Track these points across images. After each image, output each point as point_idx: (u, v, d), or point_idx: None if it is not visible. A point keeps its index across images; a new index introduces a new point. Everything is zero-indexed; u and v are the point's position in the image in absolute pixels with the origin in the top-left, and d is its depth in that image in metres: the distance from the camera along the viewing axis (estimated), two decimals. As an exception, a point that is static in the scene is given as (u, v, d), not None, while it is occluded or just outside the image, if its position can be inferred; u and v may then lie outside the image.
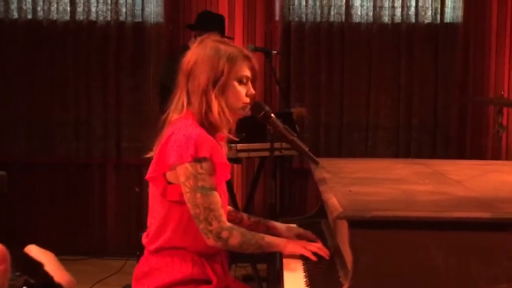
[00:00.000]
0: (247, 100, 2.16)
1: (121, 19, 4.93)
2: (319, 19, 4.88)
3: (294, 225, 2.50)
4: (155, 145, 2.15)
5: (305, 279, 1.97)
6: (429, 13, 4.86)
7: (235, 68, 2.12)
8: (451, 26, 4.87)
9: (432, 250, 1.66)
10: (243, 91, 2.15)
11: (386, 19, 4.86)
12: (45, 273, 0.83)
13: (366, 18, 4.87)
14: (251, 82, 2.18)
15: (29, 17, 4.95)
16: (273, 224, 2.38)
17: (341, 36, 4.86)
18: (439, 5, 4.83)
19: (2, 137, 4.96)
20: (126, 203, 5.05)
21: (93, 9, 4.93)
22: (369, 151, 4.86)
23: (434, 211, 1.74)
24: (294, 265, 2.08)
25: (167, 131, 2.11)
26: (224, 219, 2.06)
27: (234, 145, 3.58)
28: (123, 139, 4.98)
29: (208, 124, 2.10)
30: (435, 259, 1.65)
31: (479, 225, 1.67)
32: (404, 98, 4.85)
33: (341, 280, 1.90)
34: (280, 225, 2.39)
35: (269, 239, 2.14)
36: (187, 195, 2.02)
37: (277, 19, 4.94)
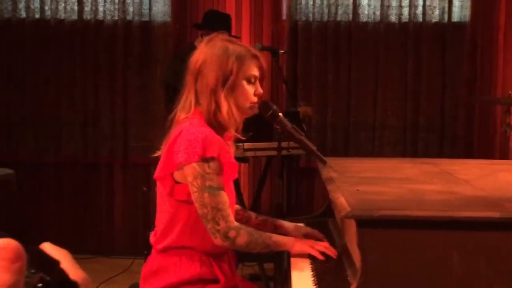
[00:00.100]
0: (255, 99, 2.16)
1: (129, 18, 4.94)
2: (326, 18, 4.87)
3: (301, 224, 2.50)
4: (162, 145, 2.14)
5: (312, 278, 1.96)
6: (437, 12, 4.85)
7: (244, 67, 2.11)
8: (459, 25, 4.86)
9: (440, 249, 1.66)
10: (251, 90, 2.14)
11: (393, 18, 4.85)
12: (61, 271, 0.84)
13: (373, 17, 4.86)
14: (259, 81, 2.18)
15: (37, 16, 4.96)
16: (280, 223, 2.38)
17: (348, 35, 4.85)
18: (446, 4, 4.81)
19: (10, 137, 4.97)
20: (133, 202, 5.06)
21: (101, 9, 4.95)
22: (376, 151, 4.85)
23: (442, 211, 1.73)
24: (301, 264, 2.08)
25: (174, 130, 2.10)
26: (231, 218, 2.05)
27: (241, 144, 3.58)
28: (130, 138, 4.99)
29: (216, 123, 2.10)
30: (443, 259, 1.65)
31: (487, 224, 1.67)
32: (411, 97, 4.84)
33: (349, 279, 1.90)
34: (287, 224, 2.38)
35: (276, 238, 2.13)
36: (195, 195, 2.02)
37: (284, 18, 4.94)
